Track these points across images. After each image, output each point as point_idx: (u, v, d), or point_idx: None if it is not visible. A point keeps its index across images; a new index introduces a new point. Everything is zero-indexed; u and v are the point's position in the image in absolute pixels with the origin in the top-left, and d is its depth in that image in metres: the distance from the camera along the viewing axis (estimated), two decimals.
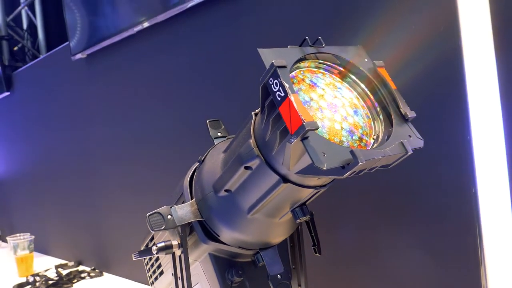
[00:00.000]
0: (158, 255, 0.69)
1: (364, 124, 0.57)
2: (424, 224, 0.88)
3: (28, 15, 3.07)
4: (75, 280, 1.80)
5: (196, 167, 0.74)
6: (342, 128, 0.54)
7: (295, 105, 0.46)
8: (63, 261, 2.14)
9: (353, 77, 0.59)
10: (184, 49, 1.41)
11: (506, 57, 0.70)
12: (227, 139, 0.77)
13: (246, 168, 0.58)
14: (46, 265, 2.09)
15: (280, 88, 0.48)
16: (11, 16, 2.97)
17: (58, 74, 2.07)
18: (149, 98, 1.61)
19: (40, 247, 2.05)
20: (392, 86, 0.58)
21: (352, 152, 0.46)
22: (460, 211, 0.81)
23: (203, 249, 0.71)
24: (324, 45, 0.57)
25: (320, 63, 0.59)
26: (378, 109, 0.58)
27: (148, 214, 0.66)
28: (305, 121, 0.46)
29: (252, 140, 0.57)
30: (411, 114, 0.56)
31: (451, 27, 0.72)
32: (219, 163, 0.67)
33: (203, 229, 0.69)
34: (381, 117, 0.58)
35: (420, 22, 0.76)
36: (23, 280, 1.84)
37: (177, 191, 0.76)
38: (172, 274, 0.73)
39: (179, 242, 0.69)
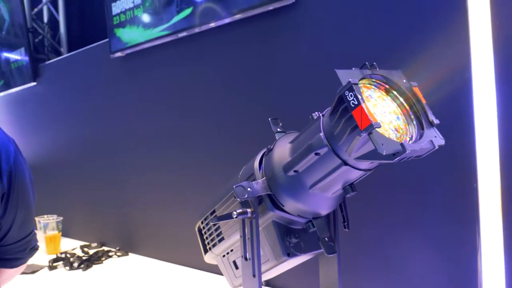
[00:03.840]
0: (235, 218, 0.90)
1: (403, 126, 0.79)
2: (429, 213, 1.12)
3: (49, 9, 3.23)
4: (104, 258, 1.99)
5: (264, 153, 0.96)
6: (389, 128, 0.76)
7: (365, 110, 0.69)
8: (86, 243, 2.32)
9: (395, 92, 0.82)
10: (221, 59, 1.63)
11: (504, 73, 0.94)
12: (287, 133, 0.99)
13: (316, 154, 0.80)
14: (71, 245, 2.27)
15: (354, 98, 0.70)
16: (35, 10, 3.13)
17: (93, 69, 2.25)
18: (175, 99, 1.82)
19: (63, 229, 2.22)
20: (423, 100, 0.80)
21: (401, 144, 0.69)
22: (462, 204, 1.05)
23: (268, 216, 0.93)
24: (377, 68, 0.80)
25: (372, 81, 0.81)
26: (412, 116, 0.81)
27: (234, 186, 0.87)
28: (373, 121, 0.68)
29: (322, 134, 0.79)
30: (436, 121, 0.79)
31: (464, 63, 0.96)
32: (287, 150, 0.89)
33: (271, 201, 0.90)
34: (414, 122, 0.80)
35: (438, 59, 0.99)
36: (54, 257, 2.01)
37: (246, 172, 0.98)
38: (241, 236, 0.94)
39: (252, 210, 0.90)
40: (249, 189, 0.88)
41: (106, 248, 2.15)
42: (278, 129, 1.02)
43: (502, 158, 0.95)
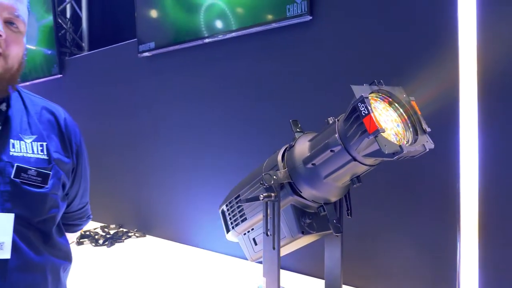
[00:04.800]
0: (262, 200, 1.10)
1: (402, 132, 1.00)
2: (416, 207, 1.33)
3: (72, 6, 3.42)
4: (124, 237, 2.19)
5: (286, 148, 1.16)
6: (391, 133, 0.97)
7: (374, 119, 0.89)
8: (105, 224, 2.52)
9: (396, 104, 1.02)
10: (242, 64, 1.83)
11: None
12: (305, 133, 1.19)
13: (331, 151, 1.00)
14: (92, 226, 2.47)
15: (365, 109, 0.91)
16: (61, 7, 3.32)
17: (119, 66, 2.45)
18: (196, 99, 2.02)
19: None
20: (419, 112, 1.01)
21: (400, 146, 0.89)
22: (446, 202, 1.25)
23: (288, 200, 1.13)
24: (383, 85, 1.00)
25: (379, 95, 1.02)
26: (409, 124, 1.01)
27: (263, 173, 1.07)
28: (379, 127, 0.88)
29: (337, 135, 0.99)
30: (428, 129, 0.99)
31: (453, 84, 1.17)
32: (306, 147, 1.09)
33: (291, 188, 1.11)
34: (411, 129, 1.01)
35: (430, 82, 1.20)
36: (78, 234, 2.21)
37: (270, 163, 1.18)
38: (264, 215, 1.14)
39: (275, 194, 1.11)
40: (274, 177, 1.09)
41: (124, 229, 2.35)
42: (298, 129, 1.22)
43: (481, 162, 1.16)
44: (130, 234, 2.24)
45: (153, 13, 2.17)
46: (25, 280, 0.93)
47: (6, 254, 0.89)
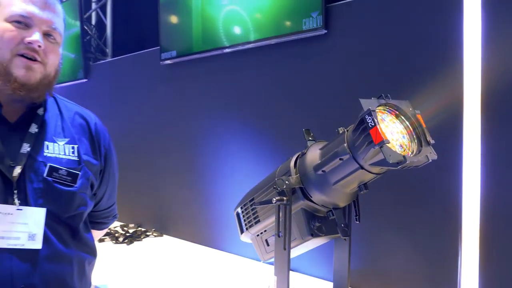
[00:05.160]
0: (275, 204, 1.18)
1: (407, 143, 1.07)
2: (418, 208, 1.38)
3: (97, 13, 3.57)
4: (143, 236, 2.29)
5: (298, 155, 1.24)
6: (396, 144, 1.04)
7: (379, 130, 0.96)
8: (124, 223, 2.62)
9: (402, 117, 1.09)
10: (259, 74, 1.91)
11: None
12: (317, 142, 1.27)
13: (340, 159, 1.08)
14: (111, 225, 2.57)
15: (372, 121, 0.98)
16: (87, 14, 3.47)
17: (143, 72, 2.56)
18: (214, 105, 2.11)
19: None
20: (423, 125, 1.07)
21: (404, 156, 0.96)
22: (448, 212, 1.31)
23: (299, 204, 1.20)
24: (390, 99, 1.07)
25: (386, 107, 1.09)
26: (414, 136, 1.08)
27: (276, 178, 1.15)
28: (384, 138, 0.95)
29: (346, 144, 1.07)
30: (432, 141, 1.06)
31: (457, 98, 1.23)
32: (317, 155, 1.16)
33: (302, 192, 1.18)
34: (416, 140, 1.08)
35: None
36: None
37: (283, 169, 1.26)
38: (276, 218, 1.22)
39: (287, 198, 1.18)
40: (287, 182, 1.16)
41: (143, 229, 2.45)
42: (310, 138, 1.30)
43: (483, 167, 1.21)
44: (148, 233, 2.34)
45: (176, 23, 2.27)
46: (54, 269, 1.01)
47: (38, 244, 0.98)
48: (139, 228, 2.45)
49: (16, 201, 0.97)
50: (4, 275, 0.93)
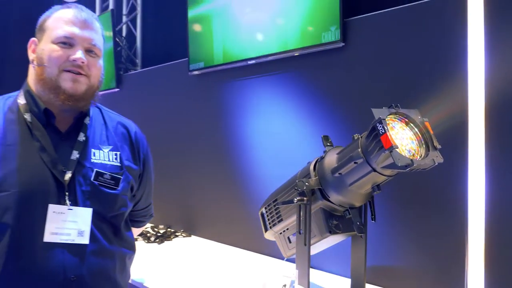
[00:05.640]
0: (296, 203, 1.30)
1: (416, 148, 1.18)
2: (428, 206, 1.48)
3: (128, 25, 3.77)
4: (172, 236, 2.44)
5: (317, 160, 1.36)
6: (405, 149, 1.15)
7: (389, 137, 1.08)
8: (154, 225, 2.78)
9: (412, 125, 1.20)
10: (281, 85, 2.05)
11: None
12: (334, 147, 1.39)
13: (355, 163, 1.19)
14: None
15: (382, 128, 1.10)
16: (118, 27, 3.68)
17: (171, 83, 2.73)
18: (239, 113, 2.25)
19: None
20: (431, 131, 1.18)
21: (411, 160, 1.08)
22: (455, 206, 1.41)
23: (318, 204, 1.32)
24: (400, 108, 1.19)
25: (396, 116, 1.20)
26: (423, 141, 1.19)
27: (297, 180, 1.28)
28: (393, 144, 1.07)
29: (360, 150, 1.18)
30: (438, 146, 1.16)
31: (462, 107, 1.33)
32: (334, 159, 1.28)
33: (320, 193, 1.30)
34: (424, 146, 1.18)
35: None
36: None
37: (303, 172, 1.38)
38: (297, 216, 1.34)
39: (307, 198, 1.30)
40: (307, 183, 1.29)
41: (172, 230, 2.60)
42: (328, 144, 1.42)
43: (487, 166, 1.31)
44: (177, 234, 2.49)
45: (203, 35, 2.42)
46: (99, 263, 1.13)
47: (85, 240, 1.10)
48: (169, 229, 2.60)
49: (68, 202, 1.09)
50: (58, 266, 1.06)
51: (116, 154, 1.23)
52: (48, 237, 1.05)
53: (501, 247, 1.34)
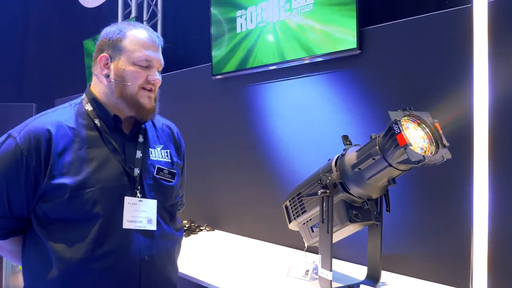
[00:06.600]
0: (319, 195, 1.46)
1: (427, 146, 1.33)
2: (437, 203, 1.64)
3: None
4: (197, 230, 2.62)
5: (338, 157, 1.52)
6: (417, 147, 1.31)
7: (404, 136, 1.24)
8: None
9: (423, 125, 1.36)
10: (298, 90, 2.21)
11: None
12: (353, 145, 1.55)
13: (373, 159, 1.36)
14: None
15: (398, 128, 1.26)
16: None
17: (196, 86, 2.91)
18: (261, 115, 2.41)
19: None
20: (440, 131, 1.34)
21: (423, 156, 1.24)
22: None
23: (339, 196, 1.49)
24: (413, 110, 1.35)
25: (410, 117, 1.36)
26: (433, 140, 1.35)
27: (321, 175, 1.44)
28: (407, 142, 1.23)
29: (377, 147, 1.35)
30: (447, 144, 1.32)
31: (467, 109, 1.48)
32: (354, 156, 1.44)
33: (342, 186, 1.46)
34: (434, 144, 1.34)
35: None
36: None
37: (326, 168, 1.54)
38: (320, 207, 1.50)
39: (330, 191, 1.46)
40: (329, 177, 1.45)
41: (196, 224, 2.78)
42: (348, 143, 1.58)
43: (490, 161, 1.45)
44: (201, 228, 2.66)
45: (226, 40, 2.59)
46: (164, 244, 1.30)
47: (153, 226, 1.28)
48: (193, 224, 2.78)
49: (138, 194, 1.27)
50: (135, 248, 1.23)
51: (167, 152, 1.41)
52: (126, 224, 1.23)
53: (504, 243, 1.49)
